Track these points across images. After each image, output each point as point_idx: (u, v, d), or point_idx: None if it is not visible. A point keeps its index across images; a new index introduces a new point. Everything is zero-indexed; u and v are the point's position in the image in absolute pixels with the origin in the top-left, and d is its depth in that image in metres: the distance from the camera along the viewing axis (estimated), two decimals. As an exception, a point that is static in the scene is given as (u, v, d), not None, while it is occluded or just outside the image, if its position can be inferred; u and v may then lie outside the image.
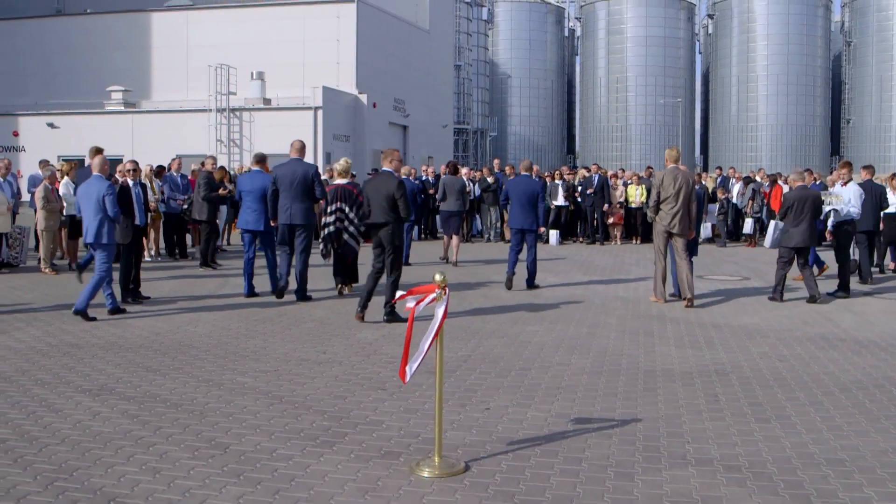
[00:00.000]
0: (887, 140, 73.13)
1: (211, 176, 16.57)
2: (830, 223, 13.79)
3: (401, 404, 6.86)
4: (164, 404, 6.82)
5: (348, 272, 13.03)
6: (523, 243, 13.76)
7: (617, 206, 22.71)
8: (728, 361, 8.54)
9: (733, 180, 24.32)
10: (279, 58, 40.40)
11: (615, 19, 76.96)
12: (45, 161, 16.36)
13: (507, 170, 23.40)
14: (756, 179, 23.79)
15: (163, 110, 40.18)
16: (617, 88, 76.57)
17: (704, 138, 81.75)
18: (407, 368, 5.45)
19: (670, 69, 75.97)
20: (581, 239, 23.21)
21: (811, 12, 74.80)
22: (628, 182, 23.42)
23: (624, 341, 9.53)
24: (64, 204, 15.40)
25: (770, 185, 22.48)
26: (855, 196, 13.39)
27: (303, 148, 12.41)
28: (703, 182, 23.79)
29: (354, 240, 12.59)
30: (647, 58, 75.53)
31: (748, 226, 22.51)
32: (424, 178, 22.92)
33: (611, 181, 23.05)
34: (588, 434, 6.15)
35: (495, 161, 26.71)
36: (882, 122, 73.41)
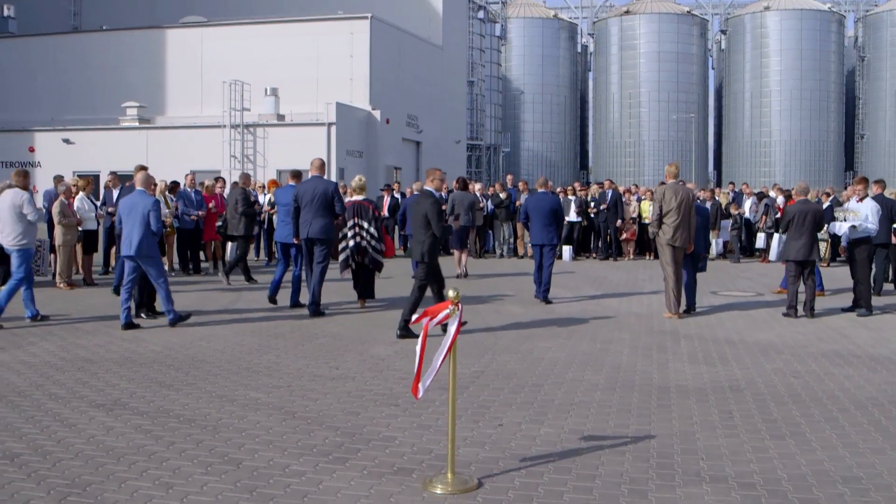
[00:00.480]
0: (902, 155, 73.05)
1: (247, 192, 16.79)
2: (845, 239, 13.60)
3: (414, 420, 6.84)
4: (178, 419, 6.83)
5: (367, 288, 13.38)
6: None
7: (630, 222, 22.67)
8: (742, 377, 8.49)
9: (745, 195, 24.26)
10: (293, 74, 40.60)
11: (628, 35, 76.99)
12: (60, 177, 16.42)
13: (521, 185, 23.41)
14: (769, 195, 23.71)
15: (177, 126, 40.40)
16: (630, 104, 76.53)
17: (718, 154, 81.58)
18: (420, 384, 5.44)
19: (683, 85, 75.89)
20: (594, 254, 23.16)
21: (824, 27, 74.66)
22: (641, 197, 23.37)
23: (637, 357, 9.49)
24: (80, 219, 15.49)
25: (785, 200, 22.38)
26: (872, 212, 13.22)
27: (323, 165, 12.70)
28: (717, 198, 23.76)
29: (378, 252, 13.07)
30: (660, 73, 75.48)
31: (761, 241, 22.41)
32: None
33: (624, 197, 23.02)
34: (601, 451, 6.12)
35: (508, 177, 26.72)
36: (896, 137, 73.33)
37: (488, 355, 9.47)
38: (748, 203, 23.54)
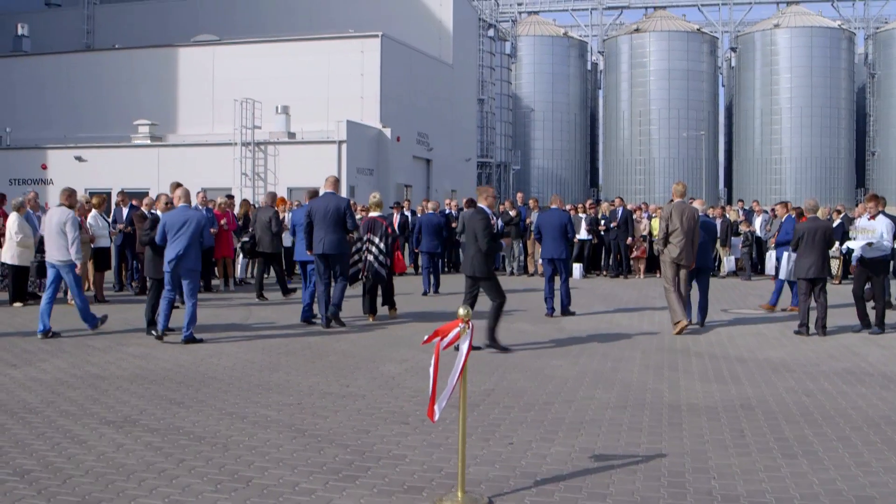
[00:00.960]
0: (913, 172, 72.87)
1: (278, 212, 17.28)
2: (856, 256, 13.34)
3: (424, 438, 6.83)
4: (188, 437, 6.83)
5: (388, 298, 13.87)
6: (556, 273, 14.40)
7: (640, 240, 22.64)
8: (754, 396, 8.46)
9: (756, 213, 24.23)
10: (304, 92, 40.73)
11: (638, 53, 77.12)
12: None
13: (531, 203, 23.41)
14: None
15: (188, 144, 40.55)
16: (640, 122, 76.58)
17: (728, 171, 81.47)
18: (435, 406, 5.42)
19: (693, 102, 75.91)
20: (604, 272, 23.13)
21: (834, 44, 74.65)
22: (652, 215, 23.35)
23: (648, 375, 9.46)
24: (93, 236, 15.57)
25: (797, 218, 22.29)
26: (887, 229, 12.96)
27: (336, 182, 13.12)
28: (727, 215, 23.71)
29: (383, 267, 13.40)
30: (670, 91, 75.54)
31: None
32: (448, 212, 22.95)
33: (634, 214, 23.00)
34: (612, 470, 6.09)
35: (518, 194, 26.72)
36: (908, 154, 73.19)
37: (498, 373, 9.45)
38: (758, 221, 23.48)
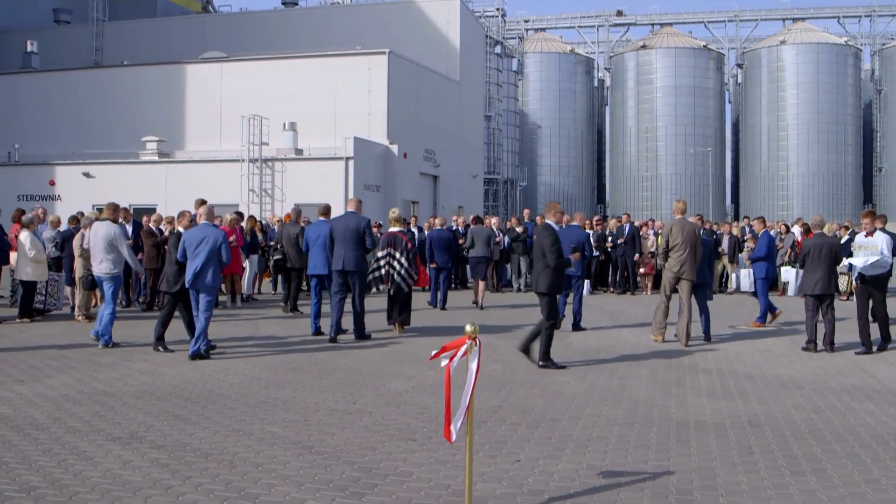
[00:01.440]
0: (920, 187, 72.77)
1: (303, 228, 17.44)
2: (856, 274, 12.99)
3: (431, 456, 6.81)
4: (194, 453, 6.83)
5: (400, 313, 14.20)
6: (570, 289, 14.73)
7: (648, 256, 22.61)
8: (762, 413, 8.42)
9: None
10: (311, 109, 40.85)
11: (644, 69, 77.26)
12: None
13: (538, 220, 23.38)
14: (790, 229, 23.61)
15: (196, 160, 40.66)
16: (647, 138, 76.64)
17: (735, 187, 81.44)
18: (451, 427, 5.39)
19: (700, 118, 75.99)
20: (611, 289, 23.10)
21: (841, 61, 74.72)
22: (658, 232, 23.32)
23: (656, 392, 9.44)
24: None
25: (804, 234, 22.28)
26: (886, 244, 12.75)
27: (359, 203, 13.90)
28: (732, 231, 23.71)
29: (404, 281, 13.91)
30: (677, 107, 75.62)
31: (787, 274, 22.21)
32: (455, 228, 22.97)
33: (641, 231, 22.98)
34: (620, 487, 6.07)
35: (525, 211, 26.73)
36: (915, 170, 73.10)
37: (506, 390, 9.43)
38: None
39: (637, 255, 22.35)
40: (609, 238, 22.96)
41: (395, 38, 46.66)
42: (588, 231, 19.62)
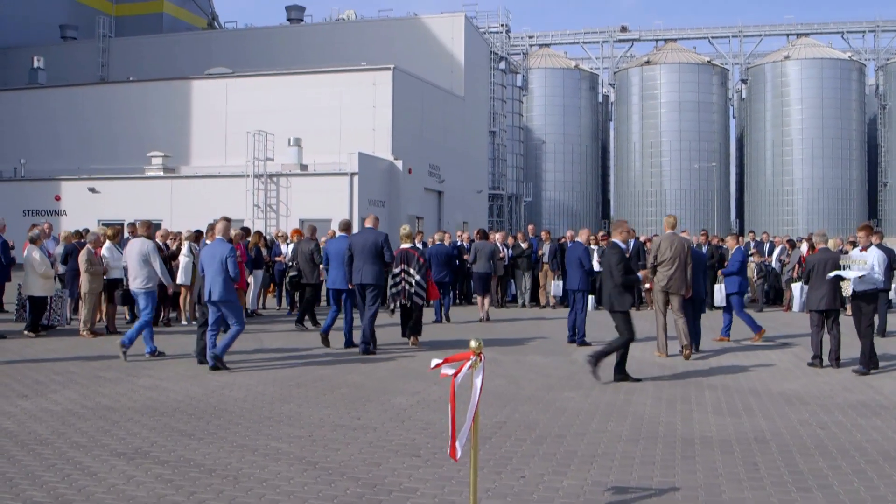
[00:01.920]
0: (925, 203, 72.69)
1: (319, 244, 17.94)
2: (850, 291, 12.44)
3: (435, 471, 6.80)
4: (198, 469, 6.82)
5: (416, 326, 14.53)
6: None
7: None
8: (767, 429, 8.39)
9: (769, 244, 24.24)
10: (316, 124, 41.00)
11: (649, 85, 77.40)
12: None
13: (543, 235, 23.41)
14: (795, 245, 23.60)
15: (201, 175, 40.81)
16: (651, 153, 76.70)
17: (740, 202, 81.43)
18: (457, 444, 5.38)
19: (704, 134, 76.06)
20: (616, 304, 23.02)
21: (845, 76, 74.83)
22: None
23: (661, 408, 9.41)
24: (107, 267, 15.65)
25: (809, 249, 22.25)
26: (879, 261, 12.44)
27: (377, 220, 14.25)
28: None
29: (419, 297, 14.25)
30: (681, 122, 75.72)
31: (794, 290, 22.15)
32: (459, 244, 22.99)
33: (646, 246, 22.93)
34: None
35: (530, 226, 26.75)
36: (920, 185, 73.03)
37: (511, 405, 9.42)
38: (775, 251, 23.49)
39: (642, 271, 22.30)
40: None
41: (400, 54, 46.89)
42: (584, 245, 19.67)
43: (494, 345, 14.26)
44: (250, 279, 19.16)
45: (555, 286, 22.06)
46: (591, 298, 21.93)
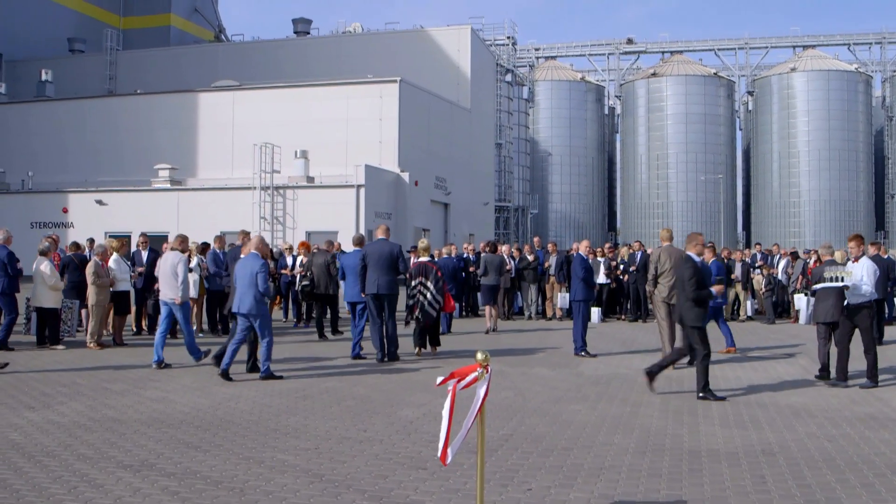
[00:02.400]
0: (933, 215, 72.53)
1: (335, 255, 18.23)
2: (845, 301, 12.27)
3: (442, 484, 6.79)
4: (205, 481, 6.81)
5: (429, 337, 14.91)
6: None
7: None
8: (775, 442, 8.37)
9: (779, 256, 24.21)
10: (323, 136, 41.09)
11: (655, 97, 77.37)
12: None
13: (550, 247, 23.42)
14: (799, 257, 23.57)
15: (208, 188, 40.91)
16: (657, 165, 76.62)
17: (746, 214, 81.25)
18: (448, 450, 5.38)
19: (711, 146, 75.94)
20: (623, 317, 23.04)
21: (851, 87, 74.72)
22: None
23: (668, 420, 9.39)
24: (114, 279, 15.69)
25: (816, 261, 22.21)
26: (868, 273, 12.09)
27: (388, 230, 14.49)
28: (744, 257, 23.68)
29: (433, 308, 14.49)
30: (688, 134, 75.62)
31: (799, 302, 22.14)
32: (466, 256, 22.99)
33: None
34: (632, 516, 6.03)
35: (536, 238, 26.76)
36: (927, 197, 72.90)
37: (517, 418, 9.40)
38: (781, 263, 23.45)
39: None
40: (621, 267, 22.92)
41: (407, 67, 47.00)
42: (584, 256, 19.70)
43: (501, 356, 14.25)
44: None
45: (561, 298, 22.05)
46: (598, 311, 21.95)
